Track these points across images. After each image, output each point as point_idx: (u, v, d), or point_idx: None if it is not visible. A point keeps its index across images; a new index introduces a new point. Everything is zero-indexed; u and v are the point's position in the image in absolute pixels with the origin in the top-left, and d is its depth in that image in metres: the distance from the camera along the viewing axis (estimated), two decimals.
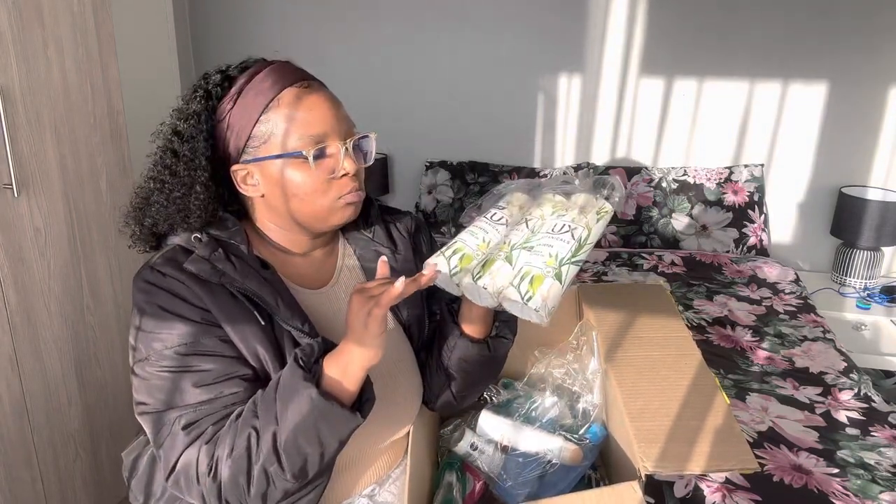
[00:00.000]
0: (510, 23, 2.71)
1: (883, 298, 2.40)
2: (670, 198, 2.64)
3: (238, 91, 0.86)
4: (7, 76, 1.39)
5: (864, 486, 1.26)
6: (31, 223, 1.49)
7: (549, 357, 1.13)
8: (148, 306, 0.81)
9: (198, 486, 0.78)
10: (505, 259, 0.84)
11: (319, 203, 0.87)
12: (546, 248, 0.83)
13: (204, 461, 0.77)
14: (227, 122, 0.86)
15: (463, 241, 0.87)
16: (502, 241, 0.87)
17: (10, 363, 1.45)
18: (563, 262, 0.82)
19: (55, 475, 1.60)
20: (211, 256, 0.83)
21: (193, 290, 0.81)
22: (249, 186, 0.88)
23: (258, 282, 0.83)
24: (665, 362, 1.00)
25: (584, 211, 0.87)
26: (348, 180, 0.87)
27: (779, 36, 2.50)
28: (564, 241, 0.83)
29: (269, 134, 0.84)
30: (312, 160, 0.84)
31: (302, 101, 0.85)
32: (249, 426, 0.76)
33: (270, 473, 0.76)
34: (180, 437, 0.78)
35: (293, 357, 0.77)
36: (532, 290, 0.80)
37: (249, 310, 0.82)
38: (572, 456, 0.99)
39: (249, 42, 2.92)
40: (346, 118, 0.89)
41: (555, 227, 0.85)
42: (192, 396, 0.79)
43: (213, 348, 0.81)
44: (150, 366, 0.81)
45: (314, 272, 0.95)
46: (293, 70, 0.88)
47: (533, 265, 0.82)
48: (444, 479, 1.00)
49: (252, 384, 0.82)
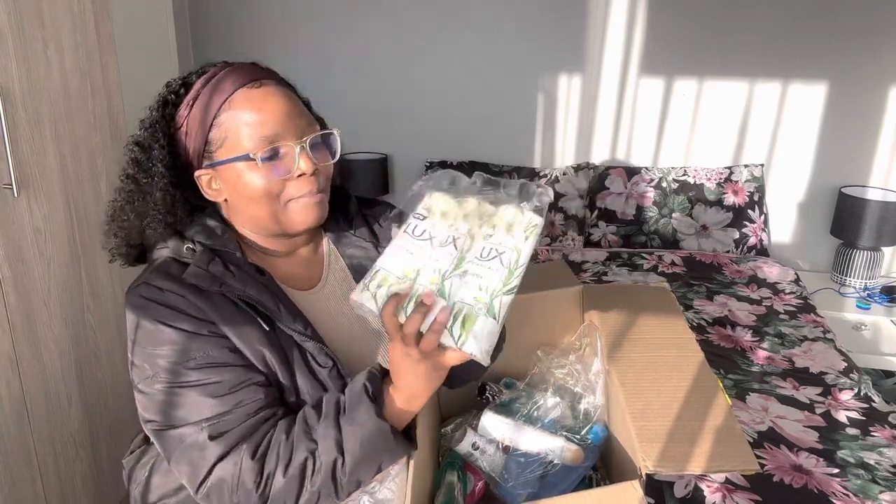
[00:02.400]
0: (510, 23, 2.71)
1: (883, 298, 2.40)
2: (670, 198, 2.64)
3: (194, 96, 0.84)
4: (7, 76, 1.39)
5: (864, 486, 1.26)
6: (31, 223, 1.48)
7: (552, 357, 1.13)
8: (148, 322, 0.79)
9: (234, 500, 0.76)
10: (438, 294, 0.74)
11: (276, 206, 0.84)
12: (475, 278, 0.74)
13: (250, 476, 0.75)
14: (184, 128, 0.85)
15: (385, 268, 0.77)
16: (429, 265, 0.76)
17: (10, 363, 1.45)
18: (495, 294, 0.73)
19: (55, 475, 1.60)
20: (209, 266, 0.82)
21: (194, 302, 0.80)
22: (213, 191, 0.87)
23: (258, 288, 0.83)
24: (667, 363, 1.00)
25: (510, 229, 0.77)
26: (305, 180, 0.84)
27: (779, 36, 2.50)
28: (493, 270, 0.74)
29: (223, 138, 0.83)
30: (260, 161, 0.81)
31: (252, 102, 0.82)
32: (306, 450, 0.76)
33: (322, 496, 0.76)
34: (210, 447, 0.76)
35: (362, 387, 0.77)
36: (464, 332, 0.72)
37: (252, 316, 0.82)
38: (574, 456, 0.99)
39: (249, 42, 2.92)
40: (301, 115, 0.86)
41: (482, 251, 0.76)
42: (209, 409, 0.78)
43: (222, 359, 0.80)
44: (157, 383, 0.79)
45: (302, 272, 0.94)
46: (249, 70, 0.85)
47: (464, 301, 0.73)
48: (446, 479, 1.00)
49: (268, 389, 0.82)
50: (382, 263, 0.78)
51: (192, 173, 0.87)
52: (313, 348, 0.84)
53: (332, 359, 0.85)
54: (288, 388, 0.83)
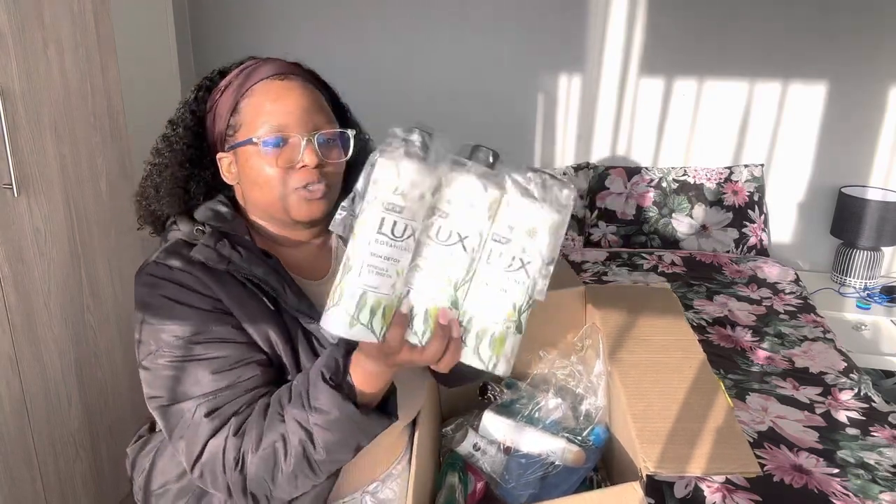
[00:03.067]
0: (510, 23, 2.71)
1: (883, 298, 2.40)
2: (670, 198, 2.64)
3: (227, 83, 0.89)
4: (7, 76, 1.39)
5: (864, 486, 1.26)
6: (31, 223, 1.48)
7: (554, 358, 1.13)
8: (154, 299, 0.82)
9: (224, 477, 0.77)
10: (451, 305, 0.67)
11: (276, 193, 0.86)
12: (502, 294, 0.67)
13: (231, 453, 0.77)
14: (213, 111, 0.90)
15: (372, 288, 0.65)
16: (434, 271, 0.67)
17: (10, 363, 1.45)
18: (523, 310, 0.68)
19: (55, 475, 1.60)
20: (216, 245, 0.84)
21: (202, 280, 0.82)
22: (231, 174, 0.91)
23: (264, 269, 0.84)
24: (669, 364, 1.00)
25: (532, 234, 0.67)
26: (307, 172, 0.85)
27: (779, 36, 2.50)
28: (519, 283, 0.67)
29: (241, 123, 0.87)
30: (262, 146, 0.84)
31: (270, 92, 0.86)
32: (276, 432, 0.76)
33: (300, 475, 0.77)
34: (204, 424, 0.78)
35: (319, 374, 0.75)
36: (495, 354, 0.68)
37: (258, 295, 0.83)
38: (575, 458, 0.99)
39: (249, 42, 2.91)
40: (319, 112, 0.88)
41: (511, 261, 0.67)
42: (209, 384, 0.79)
43: (225, 335, 0.81)
44: (160, 358, 0.81)
45: (309, 263, 0.95)
46: (278, 65, 0.90)
47: (492, 321, 0.67)
48: (447, 480, 1.00)
49: (267, 369, 0.83)
50: (365, 282, 0.64)
51: (216, 155, 0.92)
52: (317, 330, 0.85)
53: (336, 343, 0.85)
54: (290, 368, 0.84)
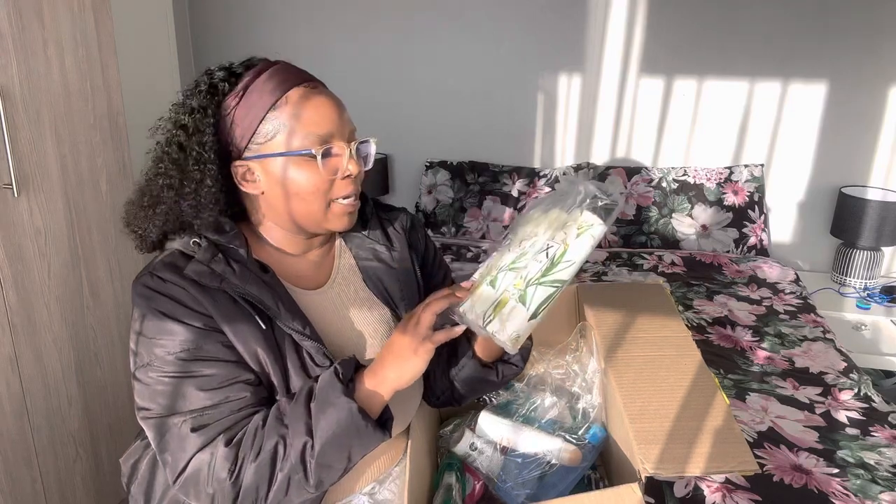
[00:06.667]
0: (510, 23, 2.71)
1: (883, 298, 2.40)
2: (670, 198, 2.64)
3: (244, 88, 0.85)
4: (7, 76, 1.39)
5: (864, 486, 1.26)
6: (31, 223, 1.49)
7: (549, 358, 1.13)
8: (149, 311, 0.81)
9: (208, 490, 0.78)
10: (489, 284, 0.81)
11: (319, 203, 0.87)
12: (523, 270, 0.79)
13: (224, 465, 0.77)
14: (231, 118, 0.85)
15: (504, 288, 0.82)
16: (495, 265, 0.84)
17: (10, 363, 1.45)
18: (531, 282, 0.77)
19: (55, 475, 1.60)
20: (211, 261, 0.83)
21: (194, 296, 0.81)
22: (249, 183, 0.88)
23: (258, 286, 0.84)
24: (664, 362, 1.00)
25: (564, 226, 0.82)
26: (349, 182, 0.88)
27: (779, 36, 2.49)
28: (538, 262, 0.79)
29: (274, 132, 0.84)
30: (320, 158, 0.84)
31: (309, 101, 0.85)
32: (277, 435, 0.77)
33: (293, 482, 0.77)
34: (191, 439, 0.78)
35: (332, 371, 0.79)
36: (494, 314, 0.77)
37: (250, 314, 0.83)
38: (572, 457, 0.99)
39: (249, 42, 2.92)
40: (349, 121, 0.89)
41: (542, 248, 0.82)
42: (196, 401, 0.80)
43: (215, 353, 0.81)
44: (152, 371, 0.81)
45: (312, 273, 0.95)
46: (298, 71, 0.89)
47: (506, 289, 0.79)
48: (444, 480, 1.00)
49: (257, 388, 0.83)
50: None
51: (227, 163, 0.87)
52: (311, 348, 0.85)
53: (330, 359, 0.85)
54: (280, 388, 0.84)
